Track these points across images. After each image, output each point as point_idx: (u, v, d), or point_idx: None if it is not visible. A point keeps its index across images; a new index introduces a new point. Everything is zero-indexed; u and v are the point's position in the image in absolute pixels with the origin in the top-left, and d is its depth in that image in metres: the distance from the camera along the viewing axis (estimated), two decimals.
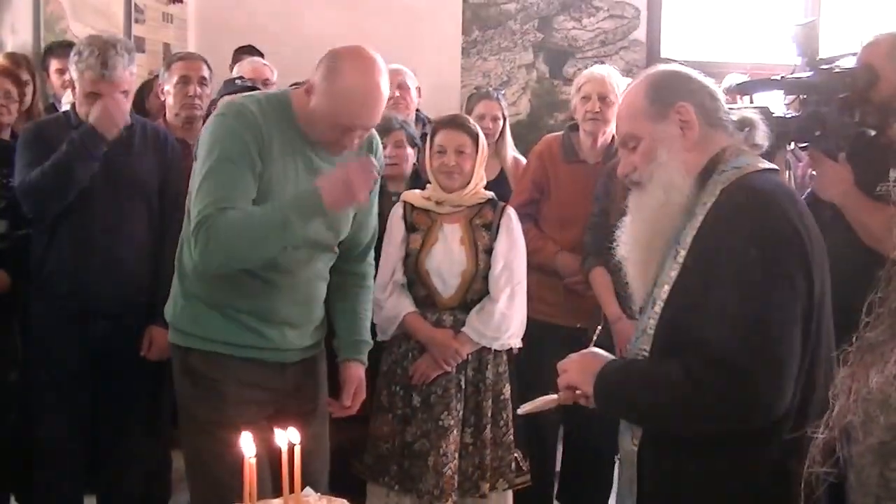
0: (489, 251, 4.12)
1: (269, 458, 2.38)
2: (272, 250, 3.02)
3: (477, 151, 4.15)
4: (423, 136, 5.30)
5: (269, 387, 3.31)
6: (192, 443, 3.31)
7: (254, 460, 1.87)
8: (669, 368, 2.30)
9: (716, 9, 8.25)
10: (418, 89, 5.80)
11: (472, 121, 4.31)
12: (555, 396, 2.61)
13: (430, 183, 4.24)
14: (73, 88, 4.05)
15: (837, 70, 3.80)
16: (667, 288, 2.40)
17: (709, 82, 2.54)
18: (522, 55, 8.09)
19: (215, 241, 2.94)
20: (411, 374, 4.08)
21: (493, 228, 4.15)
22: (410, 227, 4.17)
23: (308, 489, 2.41)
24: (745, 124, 2.58)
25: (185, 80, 4.71)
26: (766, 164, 2.47)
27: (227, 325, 3.21)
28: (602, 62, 7.61)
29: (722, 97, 2.54)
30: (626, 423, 2.57)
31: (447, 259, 4.11)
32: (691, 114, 2.45)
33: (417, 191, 4.29)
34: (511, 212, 4.24)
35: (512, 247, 4.17)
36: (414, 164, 4.73)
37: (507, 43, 8.07)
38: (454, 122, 4.21)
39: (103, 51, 3.92)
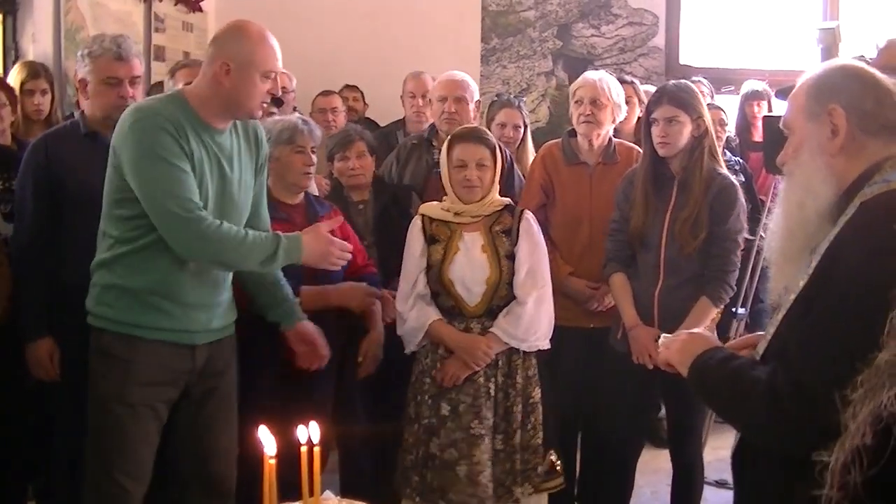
0: (511, 257, 4.08)
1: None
2: (247, 268, 3.50)
3: (496, 163, 4.12)
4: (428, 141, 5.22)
5: (177, 368, 3.48)
6: (95, 418, 3.45)
7: (273, 460, 1.87)
8: (759, 375, 2.23)
9: (734, 16, 8.25)
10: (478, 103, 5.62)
11: (488, 132, 4.27)
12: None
13: (446, 195, 4.20)
14: (85, 89, 3.98)
15: None
16: (792, 297, 2.30)
17: (882, 84, 2.32)
18: (541, 63, 8.09)
19: (207, 244, 3.29)
20: (441, 379, 4.05)
21: (512, 234, 4.12)
22: (430, 239, 4.13)
23: (328, 492, 2.41)
24: None
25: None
26: None
27: (138, 307, 3.39)
28: (621, 69, 7.63)
29: None
30: None
31: (470, 268, 4.08)
32: (841, 118, 2.28)
33: (435, 203, 4.25)
34: (529, 216, 4.21)
35: (534, 250, 4.13)
36: (374, 171, 4.76)
37: (527, 51, 8.07)
38: (473, 136, 4.14)
39: (115, 38, 3.96)
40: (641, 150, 4.84)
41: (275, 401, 4.00)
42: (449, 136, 4.23)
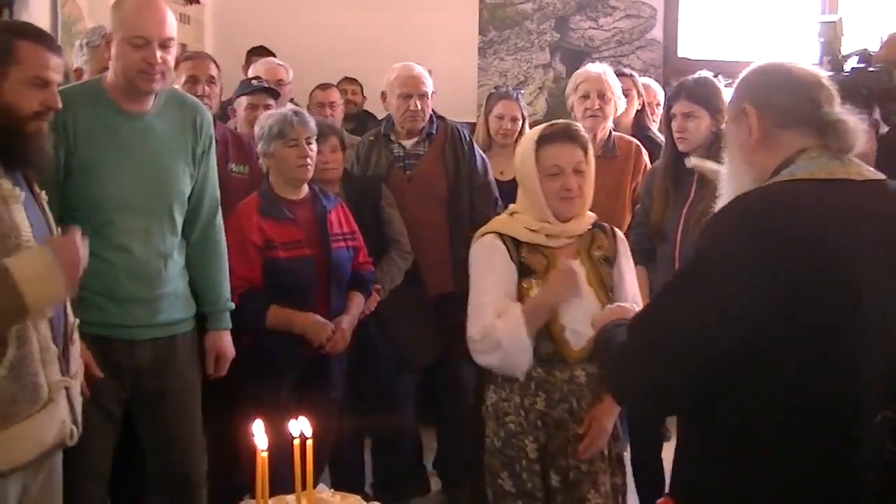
0: (612, 288, 3.42)
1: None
2: None
3: (589, 165, 3.40)
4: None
5: (118, 364, 3.42)
6: None
7: (266, 454, 1.86)
8: (618, 341, 2.40)
9: (732, 8, 8.23)
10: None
11: (580, 127, 3.49)
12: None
13: (512, 205, 3.51)
14: (80, 79, 3.97)
15: (872, 69, 3.80)
16: None
17: (796, 78, 2.34)
18: (539, 55, 8.08)
19: None
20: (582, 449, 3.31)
21: (612, 260, 3.46)
22: (524, 270, 3.34)
23: (321, 485, 2.41)
24: (828, 126, 2.29)
25: (193, 80, 4.64)
26: (828, 175, 2.22)
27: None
28: (619, 62, 7.63)
29: (825, 93, 2.30)
30: None
31: (580, 307, 3.29)
32: (753, 116, 2.32)
33: (505, 217, 3.48)
34: (621, 234, 3.59)
35: (635, 278, 3.55)
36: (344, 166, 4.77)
37: (524, 43, 8.06)
38: (567, 135, 3.36)
39: None
40: (639, 144, 4.90)
41: (293, 400, 4.06)
42: (537, 137, 3.36)
